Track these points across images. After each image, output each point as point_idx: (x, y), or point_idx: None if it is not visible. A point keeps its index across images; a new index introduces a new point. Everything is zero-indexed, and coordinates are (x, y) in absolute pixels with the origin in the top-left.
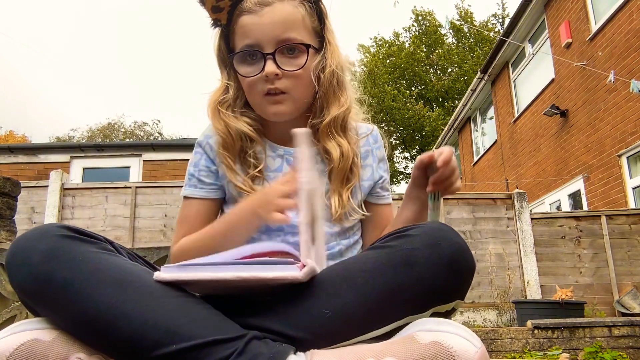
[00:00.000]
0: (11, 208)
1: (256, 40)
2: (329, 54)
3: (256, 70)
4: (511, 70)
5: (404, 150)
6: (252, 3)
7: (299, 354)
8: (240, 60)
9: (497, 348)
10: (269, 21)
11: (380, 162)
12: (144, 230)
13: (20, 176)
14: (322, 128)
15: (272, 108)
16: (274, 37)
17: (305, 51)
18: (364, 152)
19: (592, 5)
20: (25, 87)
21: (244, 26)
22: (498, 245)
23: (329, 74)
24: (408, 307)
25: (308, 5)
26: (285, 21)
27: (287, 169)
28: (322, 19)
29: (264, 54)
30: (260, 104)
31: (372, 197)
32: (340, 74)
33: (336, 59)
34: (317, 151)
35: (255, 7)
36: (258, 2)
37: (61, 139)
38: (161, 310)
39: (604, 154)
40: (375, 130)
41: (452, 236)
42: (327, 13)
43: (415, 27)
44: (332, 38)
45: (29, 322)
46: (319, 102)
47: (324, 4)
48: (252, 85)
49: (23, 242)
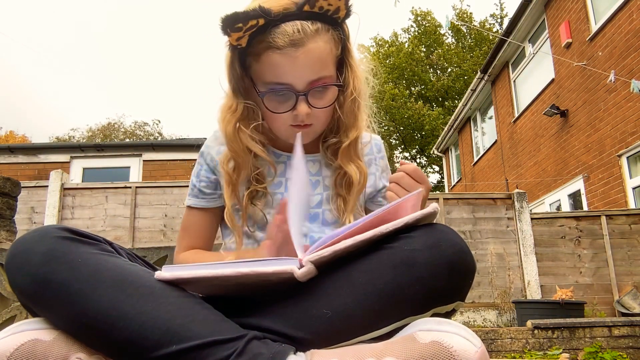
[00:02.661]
0: (11, 208)
1: (289, 81)
2: (351, 80)
3: (286, 107)
4: (511, 70)
5: (404, 150)
6: (284, 41)
7: (299, 354)
8: (268, 94)
9: (497, 348)
10: (303, 64)
11: (384, 172)
12: (144, 230)
13: (20, 176)
14: (341, 152)
15: (294, 138)
16: (307, 79)
17: (335, 87)
18: (366, 160)
19: (592, 5)
20: (25, 87)
21: (275, 65)
22: (498, 245)
23: (350, 102)
24: (408, 307)
25: (336, 33)
26: (318, 61)
27: (289, 174)
28: (345, 43)
29: (296, 94)
30: (285, 133)
31: (373, 204)
32: (359, 101)
33: (357, 86)
34: (327, 164)
35: (288, 49)
36: (292, 41)
37: (61, 139)
38: (161, 311)
39: (604, 154)
40: (377, 139)
41: (453, 237)
42: (349, 35)
43: (414, 27)
44: (353, 62)
45: (29, 322)
46: (336, 124)
47: (347, 26)
48: (278, 118)
49: (22, 244)
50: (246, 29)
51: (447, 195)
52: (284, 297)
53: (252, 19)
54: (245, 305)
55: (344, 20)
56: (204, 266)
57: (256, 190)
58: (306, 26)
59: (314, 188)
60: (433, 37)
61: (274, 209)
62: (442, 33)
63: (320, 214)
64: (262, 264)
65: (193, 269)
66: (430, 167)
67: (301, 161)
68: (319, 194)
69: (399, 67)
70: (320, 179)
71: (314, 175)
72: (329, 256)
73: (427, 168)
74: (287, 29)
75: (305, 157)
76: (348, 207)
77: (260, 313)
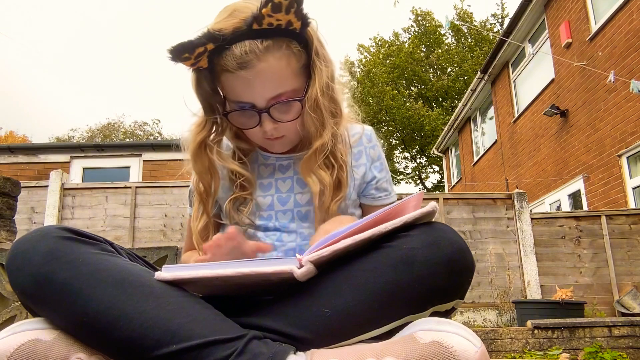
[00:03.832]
0: (11, 208)
1: (248, 100)
2: (311, 89)
3: (252, 123)
4: (511, 70)
5: (404, 150)
6: (234, 65)
7: (299, 354)
8: (233, 112)
9: (497, 348)
10: (257, 84)
11: (375, 162)
12: (144, 230)
13: (20, 176)
14: (303, 162)
15: (273, 147)
16: (265, 97)
17: (298, 100)
18: (356, 152)
19: (592, 5)
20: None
21: (231, 87)
22: (498, 245)
23: (307, 113)
24: (408, 306)
25: (294, 45)
26: (272, 79)
27: (278, 174)
28: (309, 48)
29: (258, 112)
30: (262, 143)
31: (365, 198)
32: (320, 109)
33: (314, 93)
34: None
35: (239, 72)
36: (240, 64)
37: (61, 139)
38: (161, 310)
39: (604, 154)
40: (368, 129)
41: (452, 236)
42: (313, 41)
43: (414, 27)
44: (317, 68)
45: (29, 322)
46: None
47: (311, 31)
48: (249, 132)
49: (23, 244)
50: (195, 57)
51: (447, 195)
52: (284, 297)
53: (199, 47)
54: (246, 305)
55: (302, 30)
56: (204, 266)
57: (241, 197)
58: (254, 46)
59: (303, 186)
60: (433, 37)
61: (263, 211)
62: (442, 33)
63: (310, 212)
64: (262, 263)
65: (193, 269)
66: (430, 167)
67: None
68: (308, 192)
69: (399, 67)
70: None
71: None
72: (328, 256)
73: (427, 168)
74: (236, 51)
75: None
76: (316, 217)
77: (260, 313)
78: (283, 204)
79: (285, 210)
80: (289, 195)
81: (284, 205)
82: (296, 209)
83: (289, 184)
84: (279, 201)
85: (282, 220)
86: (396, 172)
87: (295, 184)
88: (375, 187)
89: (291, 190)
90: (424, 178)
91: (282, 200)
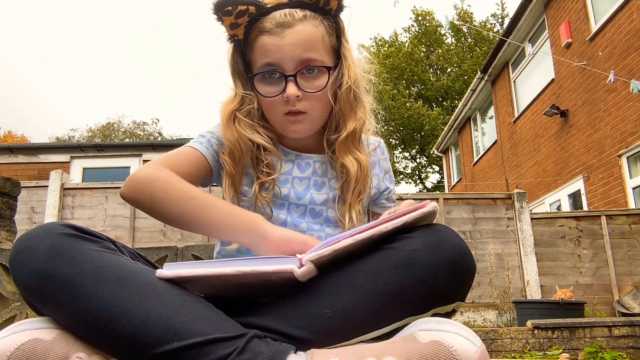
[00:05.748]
0: (11, 208)
1: (277, 60)
2: (346, 70)
3: (277, 91)
4: (511, 70)
5: (404, 150)
6: (272, 24)
7: (299, 354)
8: (260, 78)
9: (497, 348)
10: (290, 42)
11: (387, 174)
12: (144, 230)
13: (20, 176)
14: (339, 143)
15: (291, 127)
16: (295, 58)
17: (326, 72)
18: (372, 162)
19: (592, 5)
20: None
21: (264, 46)
22: (498, 245)
23: (345, 91)
24: (409, 308)
25: (327, 23)
26: (306, 42)
27: (296, 173)
28: (340, 35)
29: (285, 75)
30: (280, 123)
31: (376, 207)
32: (357, 90)
33: (352, 75)
34: (333, 166)
35: (276, 29)
36: (279, 23)
37: (61, 139)
38: (162, 308)
39: (604, 154)
40: (381, 142)
41: (453, 237)
42: (344, 29)
43: (415, 27)
44: (348, 53)
45: (29, 321)
46: (335, 118)
47: (342, 20)
48: (271, 105)
49: (26, 240)
50: (236, 15)
51: (447, 195)
52: (284, 297)
53: (241, 4)
54: (246, 304)
55: (337, 13)
56: (205, 264)
57: (265, 181)
58: (294, 12)
59: (320, 189)
60: (433, 37)
61: (278, 199)
62: (442, 33)
63: (324, 211)
64: (263, 262)
65: (194, 268)
66: (430, 167)
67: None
68: (325, 194)
69: (398, 67)
70: (326, 180)
71: (320, 176)
72: (328, 256)
73: (427, 168)
74: (276, 14)
75: (313, 157)
76: (346, 204)
77: (260, 312)
78: (299, 198)
79: (299, 204)
80: (305, 191)
81: (299, 199)
82: (310, 206)
83: (305, 183)
84: (295, 195)
85: (294, 213)
86: (396, 172)
87: (311, 185)
88: (386, 197)
89: (307, 189)
90: (424, 178)
91: (298, 195)
